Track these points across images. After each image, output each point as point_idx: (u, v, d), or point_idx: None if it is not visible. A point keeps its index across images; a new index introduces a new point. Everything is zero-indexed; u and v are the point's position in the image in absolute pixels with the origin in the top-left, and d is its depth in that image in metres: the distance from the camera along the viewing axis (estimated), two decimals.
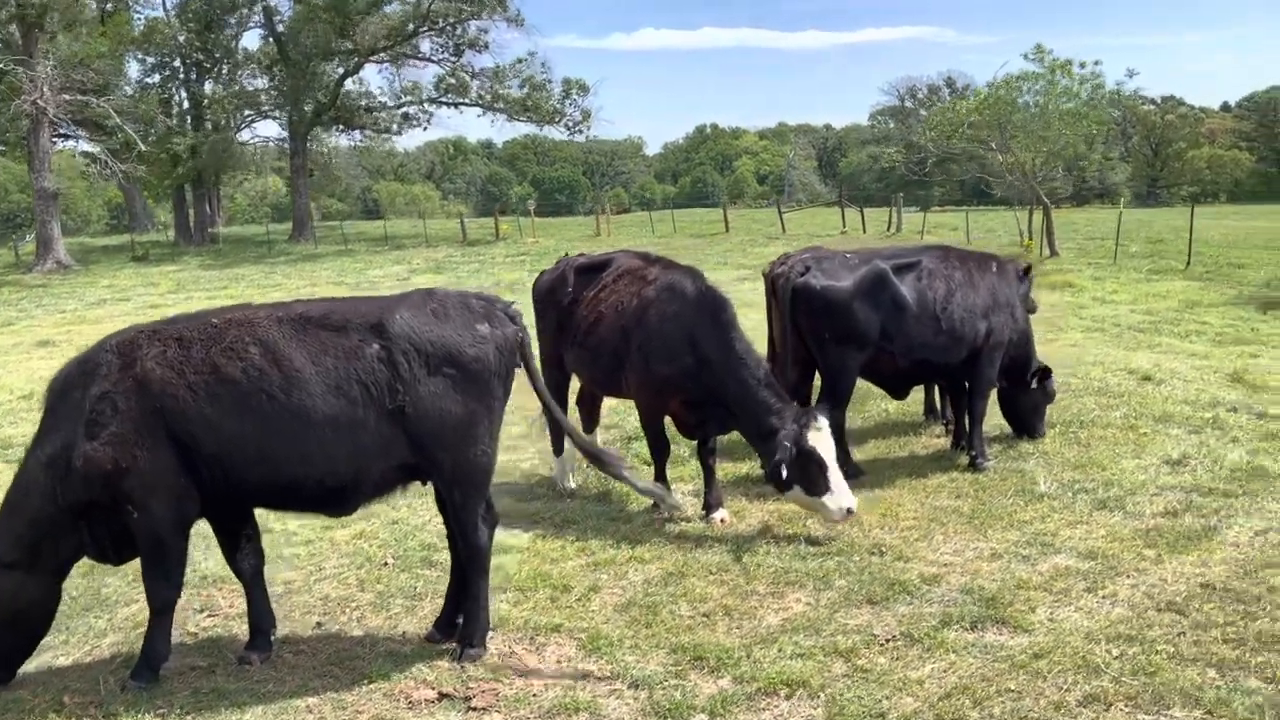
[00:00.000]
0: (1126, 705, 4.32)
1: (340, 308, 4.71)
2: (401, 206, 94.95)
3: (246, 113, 46.48)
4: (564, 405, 8.12)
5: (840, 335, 7.87)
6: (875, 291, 7.85)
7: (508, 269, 29.52)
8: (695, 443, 7.31)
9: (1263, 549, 5.92)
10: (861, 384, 9.08)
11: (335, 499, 4.73)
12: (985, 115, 25.54)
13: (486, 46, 41.53)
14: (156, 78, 44.28)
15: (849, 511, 6.27)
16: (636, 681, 4.75)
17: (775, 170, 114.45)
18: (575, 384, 8.17)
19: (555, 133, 45.44)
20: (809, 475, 6.26)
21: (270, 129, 56.26)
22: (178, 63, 43.80)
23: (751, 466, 7.78)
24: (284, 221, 50.63)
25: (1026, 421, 8.73)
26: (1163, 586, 5.50)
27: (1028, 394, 8.66)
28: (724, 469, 7.78)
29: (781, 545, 6.38)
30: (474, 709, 4.57)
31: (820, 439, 6.25)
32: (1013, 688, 4.51)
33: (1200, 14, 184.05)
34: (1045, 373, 8.70)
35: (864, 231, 35.62)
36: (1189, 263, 22.91)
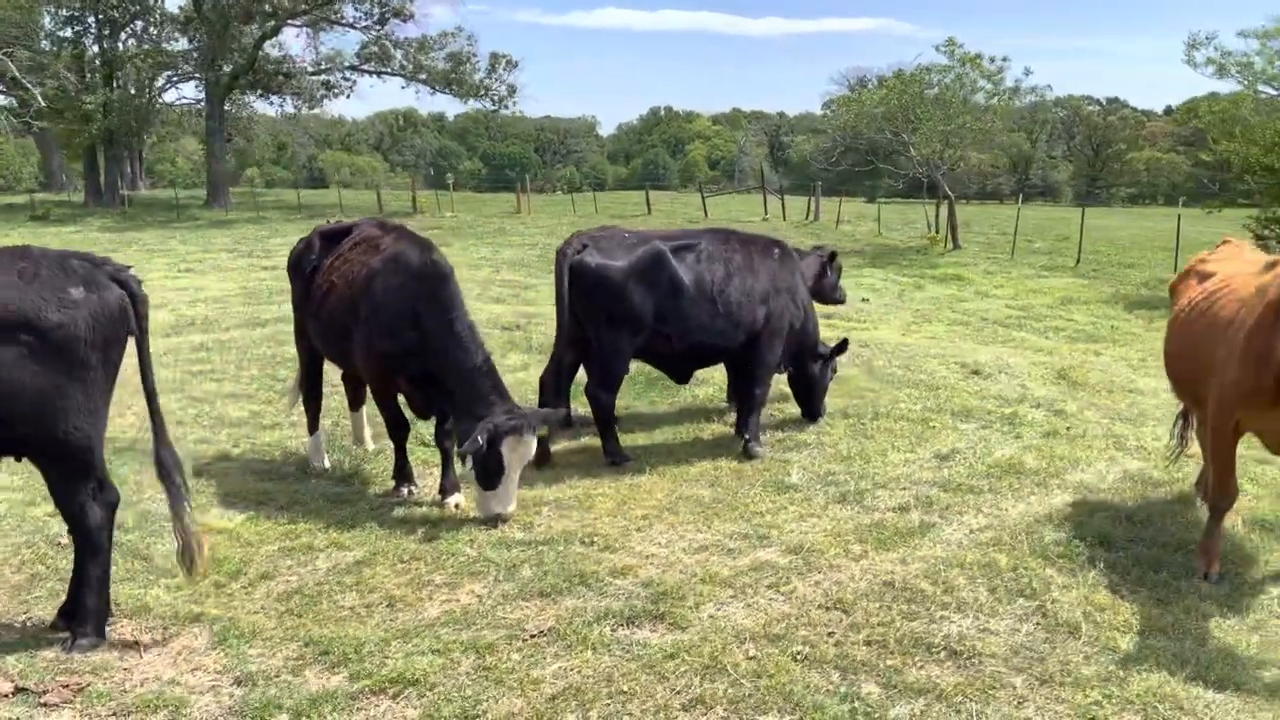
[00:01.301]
0: (725, 710, 4.08)
1: None
2: (347, 177, 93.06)
3: (166, 74, 44.92)
4: (318, 378, 7.75)
5: (614, 316, 7.59)
6: (651, 272, 7.59)
7: None
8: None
9: (964, 548, 5.75)
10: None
11: None
12: (891, 105, 25.49)
13: (411, 16, 40.64)
14: (68, 32, 42.55)
15: (499, 517, 6.23)
16: (243, 678, 4.42)
17: (727, 155, 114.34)
18: None
19: (480, 107, 44.44)
20: (486, 470, 6.12)
21: (193, 91, 54.44)
22: (91, 19, 42.10)
23: None
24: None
25: (809, 401, 8.64)
26: (846, 584, 5.29)
27: (809, 375, 8.56)
28: None
29: (490, 533, 6.08)
30: (45, 705, 4.21)
31: (512, 446, 6.10)
32: (626, 689, 4.26)
33: (1159, 18, 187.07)
34: (839, 349, 8.69)
35: (784, 219, 35.52)
36: (1079, 260, 23.09)
